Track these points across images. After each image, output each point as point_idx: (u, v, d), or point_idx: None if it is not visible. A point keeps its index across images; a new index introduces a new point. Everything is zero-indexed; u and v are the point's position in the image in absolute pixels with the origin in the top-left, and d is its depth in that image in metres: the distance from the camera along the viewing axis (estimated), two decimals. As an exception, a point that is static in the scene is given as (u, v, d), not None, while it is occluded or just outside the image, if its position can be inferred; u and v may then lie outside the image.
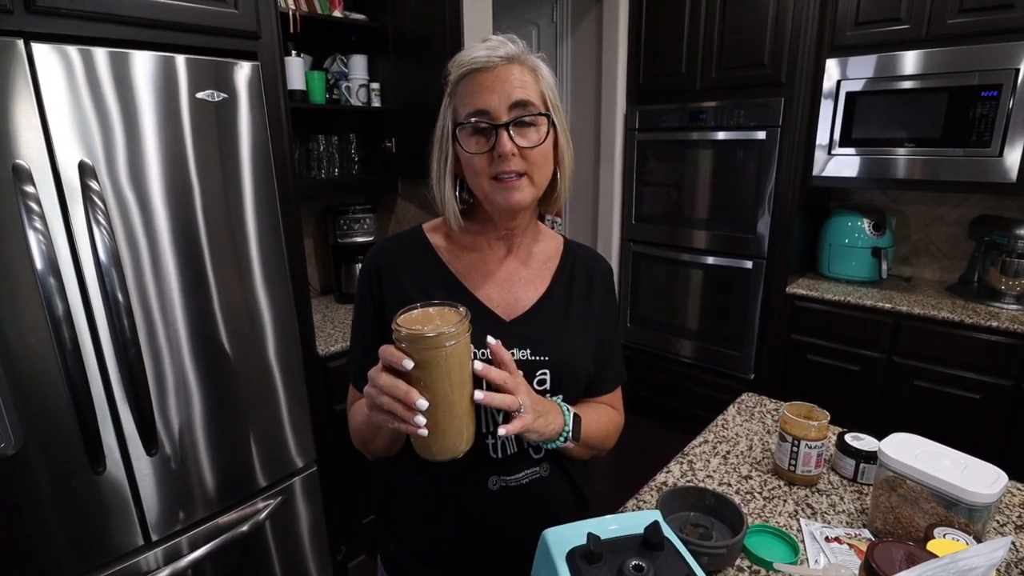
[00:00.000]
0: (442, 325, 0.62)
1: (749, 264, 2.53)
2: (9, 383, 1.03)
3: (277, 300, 1.44)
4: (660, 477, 1.08)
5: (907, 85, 2.09)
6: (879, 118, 2.18)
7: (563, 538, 0.65)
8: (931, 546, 0.73)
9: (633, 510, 0.97)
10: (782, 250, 2.43)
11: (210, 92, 1.24)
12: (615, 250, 3.05)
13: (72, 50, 1.05)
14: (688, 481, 1.06)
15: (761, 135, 2.39)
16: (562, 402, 0.78)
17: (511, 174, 0.74)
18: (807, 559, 0.86)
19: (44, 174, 1.04)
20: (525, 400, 0.69)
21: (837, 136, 2.29)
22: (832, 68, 2.25)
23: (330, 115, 2.32)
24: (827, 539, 0.90)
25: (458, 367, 0.63)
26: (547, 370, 0.79)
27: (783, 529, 0.90)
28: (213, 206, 1.28)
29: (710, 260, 2.67)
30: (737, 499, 1.00)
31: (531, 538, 0.70)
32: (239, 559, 1.46)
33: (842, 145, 2.29)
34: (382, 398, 0.62)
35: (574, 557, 0.62)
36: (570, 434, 0.76)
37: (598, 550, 0.61)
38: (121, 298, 1.12)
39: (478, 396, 0.65)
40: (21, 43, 0.99)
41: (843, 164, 2.30)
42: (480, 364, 0.66)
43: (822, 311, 2.32)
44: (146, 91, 1.15)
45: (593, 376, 0.87)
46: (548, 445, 0.77)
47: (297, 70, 2.02)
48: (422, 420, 0.61)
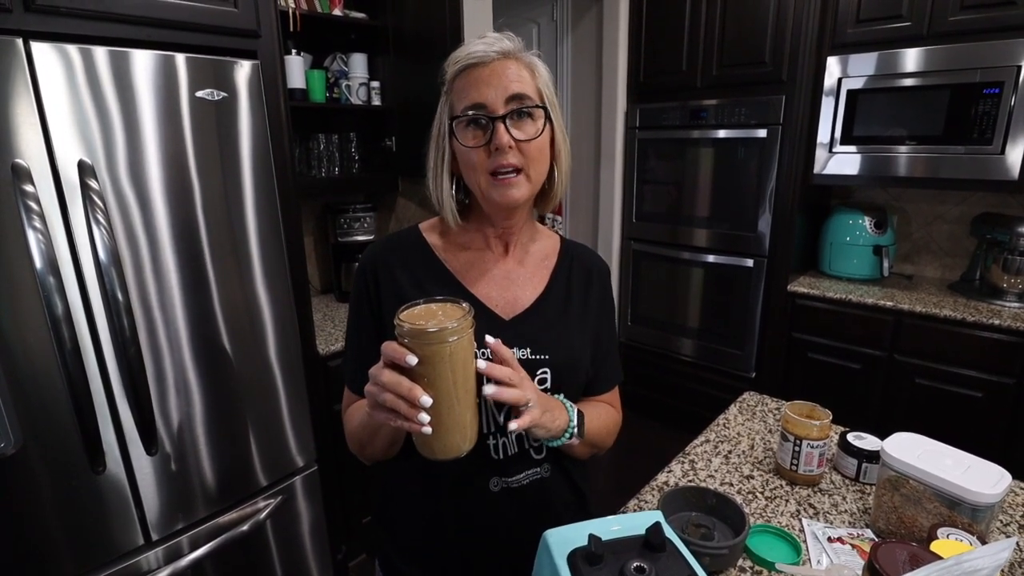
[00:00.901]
0: (445, 320, 0.60)
1: (750, 262, 2.53)
2: (9, 383, 1.03)
3: (277, 299, 1.44)
4: (661, 477, 1.07)
5: (908, 82, 2.09)
6: (880, 116, 2.18)
7: (564, 539, 0.65)
8: (935, 547, 0.73)
9: (634, 510, 0.97)
10: (783, 248, 2.42)
11: (210, 91, 1.24)
12: (616, 249, 3.04)
13: (71, 49, 1.05)
14: (689, 481, 1.06)
15: (762, 133, 2.38)
16: (564, 399, 0.78)
17: (508, 169, 0.73)
18: (809, 559, 0.86)
19: (43, 173, 1.04)
20: (532, 395, 0.68)
21: (838, 134, 2.28)
22: (833, 66, 2.24)
23: (330, 114, 2.31)
24: (829, 539, 0.89)
25: (462, 363, 0.62)
26: (547, 369, 0.79)
27: (785, 529, 0.90)
28: (213, 205, 1.28)
29: (711, 259, 2.67)
30: (739, 499, 1.00)
31: (532, 539, 0.69)
32: (239, 558, 1.46)
33: (843, 143, 2.28)
34: (384, 395, 0.60)
35: (575, 558, 0.62)
36: (575, 430, 0.76)
37: (599, 551, 0.61)
38: (121, 297, 1.11)
39: (488, 390, 0.64)
40: (20, 42, 0.99)
41: (844, 162, 2.29)
42: (483, 362, 0.65)
43: (823, 309, 2.32)
44: (146, 90, 1.14)
45: (592, 375, 0.87)
46: (553, 443, 0.77)
47: (297, 69, 2.01)
48: (426, 418, 0.59)
